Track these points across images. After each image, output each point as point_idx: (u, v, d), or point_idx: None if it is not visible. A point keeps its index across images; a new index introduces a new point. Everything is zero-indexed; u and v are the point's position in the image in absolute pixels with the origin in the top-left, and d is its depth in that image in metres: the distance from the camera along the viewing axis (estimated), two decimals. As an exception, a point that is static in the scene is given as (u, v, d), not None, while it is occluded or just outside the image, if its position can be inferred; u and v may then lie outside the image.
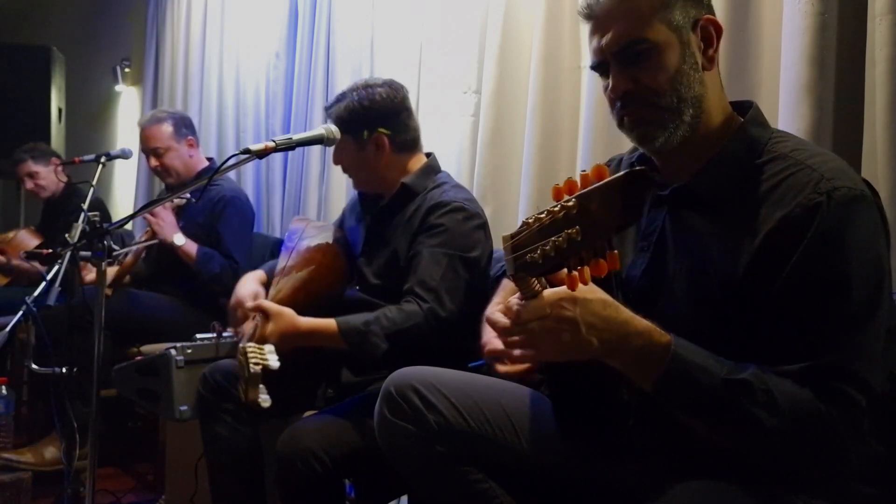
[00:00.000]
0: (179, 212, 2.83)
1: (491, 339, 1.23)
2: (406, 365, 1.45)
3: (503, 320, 0.97)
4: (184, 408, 2.00)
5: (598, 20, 1.12)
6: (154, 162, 2.92)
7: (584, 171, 0.77)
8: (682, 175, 1.14)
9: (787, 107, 1.56)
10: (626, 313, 0.95)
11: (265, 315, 1.67)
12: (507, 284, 1.44)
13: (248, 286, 1.88)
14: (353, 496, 1.85)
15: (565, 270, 0.80)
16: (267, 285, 1.89)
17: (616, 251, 0.76)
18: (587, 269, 0.78)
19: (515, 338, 0.96)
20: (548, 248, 0.78)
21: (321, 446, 1.56)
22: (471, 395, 1.18)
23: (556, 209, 0.78)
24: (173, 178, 2.94)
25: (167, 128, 2.92)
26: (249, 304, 1.77)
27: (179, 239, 2.73)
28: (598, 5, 1.12)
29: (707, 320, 1.03)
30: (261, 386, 1.58)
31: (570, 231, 0.76)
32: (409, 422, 1.15)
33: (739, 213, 1.05)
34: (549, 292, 0.90)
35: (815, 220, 0.98)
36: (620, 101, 1.12)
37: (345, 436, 1.58)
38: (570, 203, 0.76)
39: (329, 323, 1.66)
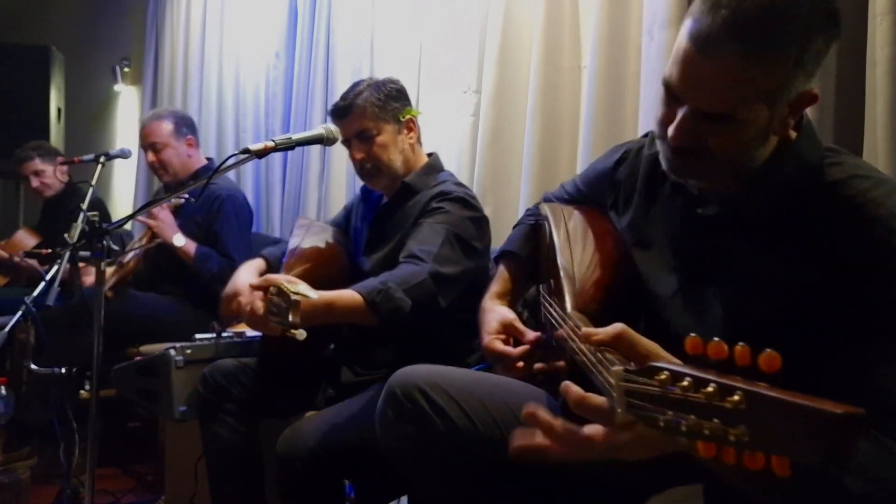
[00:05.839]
0: (177, 211, 2.83)
1: (492, 342, 1.21)
2: (426, 340, 1.38)
3: (587, 433, 0.83)
4: (183, 408, 2.00)
5: (706, 56, 0.93)
6: (151, 157, 2.94)
7: (742, 345, 0.64)
8: (722, 191, 1.06)
9: (787, 107, 1.56)
10: None
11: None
12: (503, 272, 1.41)
13: (245, 276, 1.75)
14: (353, 496, 1.85)
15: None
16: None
17: (789, 460, 0.62)
18: (732, 450, 0.64)
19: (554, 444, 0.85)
20: (691, 421, 0.65)
21: (321, 446, 1.55)
22: (477, 395, 1.16)
23: (711, 391, 0.63)
24: (169, 176, 2.95)
25: (167, 125, 2.94)
26: (255, 281, 1.59)
27: (179, 240, 2.73)
28: (715, 45, 0.91)
29: None
30: None
31: (735, 431, 0.63)
32: (415, 424, 1.13)
33: (794, 243, 0.97)
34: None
35: (890, 258, 0.90)
36: (674, 149, 1.00)
37: (345, 436, 1.57)
38: (737, 398, 0.62)
39: (346, 291, 1.56)
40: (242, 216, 2.91)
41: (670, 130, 0.99)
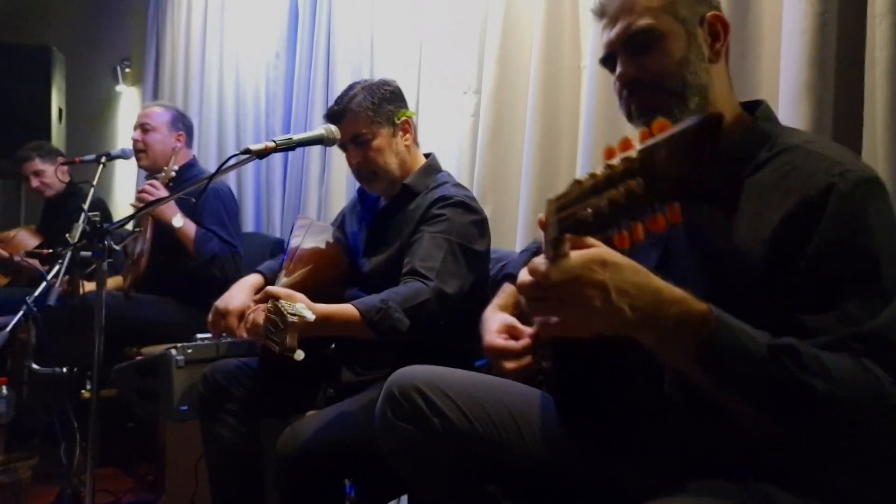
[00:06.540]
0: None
1: (494, 339, 1.22)
2: (426, 343, 1.40)
3: (528, 278, 0.86)
4: (184, 408, 2.00)
5: (608, 16, 1.18)
6: (138, 135, 3.00)
7: (647, 128, 0.72)
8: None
9: (787, 107, 1.56)
10: (657, 281, 0.88)
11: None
12: (507, 288, 1.43)
13: (239, 294, 1.75)
14: (353, 496, 1.85)
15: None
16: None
17: (678, 204, 0.69)
18: (640, 226, 0.71)
19: (539, 303, 0.87)
20: (602, 203, 0.71)
21: (321, 446, 1.55)
22: (475, 396, 1.17)
23: (615, 163, 0.71)
24: (147, 161, 3.00)
25: (165, 115, 3.02)
26: (257, 297, 1.64)
27: (178, 221, 2.74)
28: (609, 2, 1.18)
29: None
30: None
31: (630, 183, 0.69)
32: (413, 424, 1.13)
33: (753, 203, 1.05)
34: (577, 253, 0.82)
35: (831, 200, 0.98)
36: (628, 90, 1.15)
37: (345, 436, 1.57)
38: (633, 156, 0.70)
39: (345, 306, 1.57)
40: (229, 205, 2.91)
41: (619, 78, 1.15)
